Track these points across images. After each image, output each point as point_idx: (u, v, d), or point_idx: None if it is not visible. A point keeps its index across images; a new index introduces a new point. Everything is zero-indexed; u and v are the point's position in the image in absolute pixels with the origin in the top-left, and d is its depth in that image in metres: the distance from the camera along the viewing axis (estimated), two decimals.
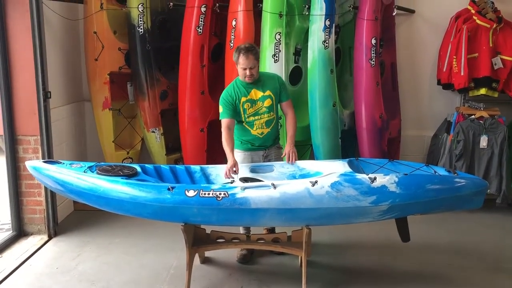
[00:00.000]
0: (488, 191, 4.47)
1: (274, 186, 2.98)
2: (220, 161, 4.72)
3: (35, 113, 3.92)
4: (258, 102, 3.44)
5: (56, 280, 3.40)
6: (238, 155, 3.54)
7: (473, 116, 4.51)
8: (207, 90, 4.53)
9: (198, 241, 3.32)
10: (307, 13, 4.30)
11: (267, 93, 3.45)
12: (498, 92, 4.56)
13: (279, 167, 3.44)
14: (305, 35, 4.37)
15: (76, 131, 4.80)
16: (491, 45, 4.43)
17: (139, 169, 3.36)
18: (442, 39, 4.74)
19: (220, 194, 2.96)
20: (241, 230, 3.62)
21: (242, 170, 3.39)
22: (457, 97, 4.90)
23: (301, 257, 3.26)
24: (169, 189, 2.99)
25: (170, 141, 4.79)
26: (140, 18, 4.41)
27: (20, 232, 4.08)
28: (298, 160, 3.63)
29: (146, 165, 3.49)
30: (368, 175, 3.06)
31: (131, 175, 3.20)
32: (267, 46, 4.20)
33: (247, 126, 3.48)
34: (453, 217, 4.54)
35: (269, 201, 2.95)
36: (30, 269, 3.57)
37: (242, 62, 3.34)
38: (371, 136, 4.43)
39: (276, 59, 4.20)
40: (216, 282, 3.39)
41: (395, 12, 4.58)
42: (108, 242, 3.98)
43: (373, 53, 4.30)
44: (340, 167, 3.26)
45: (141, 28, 4.43)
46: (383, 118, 4.44)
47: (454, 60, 4.48)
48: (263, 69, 4.24)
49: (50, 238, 4.07)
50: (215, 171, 3.52)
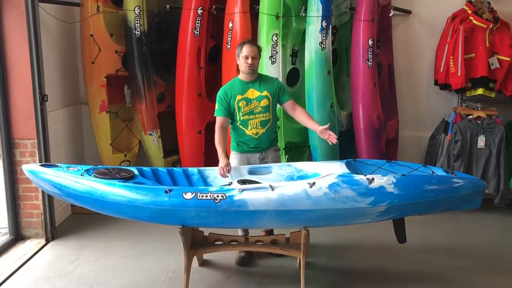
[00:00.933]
0: (486, 191, 4.44)
1: (272, 188, 2.97)
2: (218, 163, 4.71)
3: (31, 116, 3.91)
4: (254, 101, 3.44)
5: (54, 284, 3.39)
6: (235, 157, 3.54)
7: (470, 116, 4.51)
8: (204, 92, 4.52)
9: (196, 243, 3.31)
10: (303, 14, 4.30)
11: (264, 93, 3.45)
12: (495, 92, 4.57)
13: (277, 169, 3.44)
14: (302, 36, 4.37)
15: (73, 134, 4.79)
16: (487, 45, 4.44)
17: (136, 172, 3.34)
18: (439, 39, 4.75)
19: (218, 196, 2.95)
20: (240, 232, 3.61)
21: (240, 172, 3.38)
22: (454, 97, 4.90)
23: (299, 258, 3.25)
24: (166, 191, 2.98)
25: (167, 143, 4.78)
26: (137, 20, 4.41)
27: (17, 236, 4.06)
28: (296, 162, 3.64)
29: (144, 168, 3.48)
30: (366, 176, 3.06)
31: (128, 178, 3.19)
32: (264, 47, 4.19)
33: (241, 126, 3.48)
34: (451, 217, 4.54)
35: (267, 203, 2.94)
36: (27, 273, 3.55)
37: (245, 49, 3.38)
38: (369, 137, 4.43)
39: (273, 61, 4.20)
40: (215, 284, 3.38)
41: (392, 13, 4.59)
42: (106, 246, 3.97)
43: (370, 54, 4.31)
44: (338, 168, 3.26)
45: (137, 31, 4.42)
46: (380, 119, 4.45)
47: (451, 60, 4.49)
48: (260, 70, 4.24)
49: (47, 241, 4.05)
50: (213, 173, 3.51)
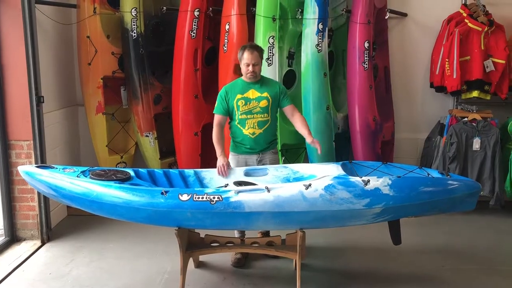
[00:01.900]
0: (482, 193, 4.49)
1: (268, 190, 2.98)
2: (214, 165, 4.70)
3: (27, 118, 3.90)
4: (253, 101, 3.46)
5: (49, 285, 3.38)
6: (232, 158, 3.56)
7: (466, 119, 4.53)
8: (200, 94, 4.53)
9: (192, 245, 3.31)
10: (300, 16, 4.32)
11: (265, 94, 3.47)
12: (490, 95, 4.59)
13: (273, 171, 3.45)
14: (298, 38, 4.38)
15: (70, 135, 4.78)
16: (482, 48, 4.47)
17: (132, 173, 3.34)
18: (435, 42, 4.77)
19: (214, 198, 2.96)
20: (236, 234, 3.61)
21: (236, 173, 3.39)
22: (450, 99, 4.93)
23: (295, 260, 3.25)
24: (162, 193, 2.98)
25: (164, 145, 4.78)
26: (134, 22, 4.41)
27: (13, 237, 4.05)
28: (292, 163, 3.64)
29: (140, 169, 3.48)
30: (361, 178, 3.07)
31: (124, 179, 3.19)
32: None
33: (239, 125, 3.50)
34: (447, 219, 4.55)
35: (263, 204, 2.95)
36: (23, 275, 3.54)
37: (246, 57, 3.39)
38: (365, 139, 4.44)
39: (270, 63, 4.21)
40: (211, 286, 3.38)
41: (388, 15, 4.61)
42: (101, 247, 3.96)
43: (366, 57, 4.32)
44: (333, 170, 3.27)
45: (134, 32, 4.43)
46: (376, 121, 4.46)
47: (447, 63, 4.51)
48: None
49: (43, 243, 4.04)
50: (209, 175, 3.52)
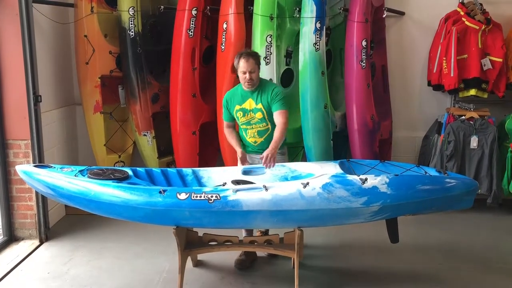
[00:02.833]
0: (479, 191, 4.49)
1: (266, 188, 2.99)
2: (212, 164, 4.74)
3: (25, 117, 3.89)
4: (250, 113, 3.45)
5: (48, 285, 3.38)
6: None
7: (463, 117, 4.54)
8: (198, 93, 4.53)
9: (190, 244, 3.32)
10: (297, 15, 4.32)
11: (259, 106, 3.43)
12: (488, 93, 4.60)
13: (271, 169, 3.45)
14: (296, 37, 4.38)
15: (67, 135, 4.77)
16: (480, 46, 4.48)
17: (130, 172, 3.35)
18: (432, 40, 4.78)
19: (212, 196, 2.96)
20: (244, 233, 3.62)
21: (234, 173, 3.39)
22: (447, 98, 4.93)
23: (293, 259, 3.26)
24: (160, 192, 2.99)
25: (162, 144, 4.78)
26: (131, 21, 4.41)
27: (11, 237, 4.04)
28: (291, 162, 3.64)
29: (138, 168, 3.48)
30: (359, 176, 3.07)
31: (122, 178, 3.19)
32: (258, 48, 4.20)
33: (243, 132, 3.57)
34: (444, 217, 4.57)
35: (261, 203, 2.95)
36: (21, 274, 3.54)
37: (242, 65, 3.34)
38: (363, 137, 4.45)
39: (268, 62, 4.21)
40: (209, 285, 3.39)
41: (385, 14, 4.61)
42: (100, 247, 3.96)
43: (364, 55, 4.33)
44: (331, 168, 3.28)
45: (132, 31, 4.42)
46: (374, 119, 4.47)
47: (444, 61, 4.51)
48: None
49: (41, 242, 4.04)
50: (207, 174, 3.52)
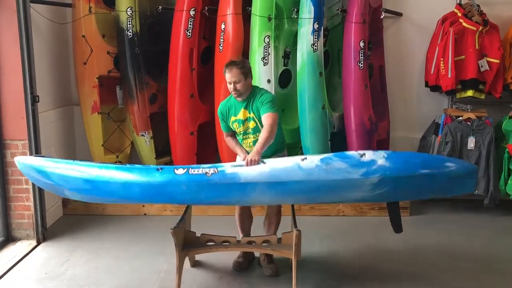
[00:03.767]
0: (476, 192, 4.52)
1: (264, 162, 3.00)
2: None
3: (23, 117, 3.89)
4: (246, 123, 3.37)
5: (45, 285, 3.37)
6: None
7: (460, 118, 4.56)
8: (196, 93, 4.53)
9: (188, 244, 3.32)
10: (295, 16, 4.33)
11: (251, 115, 3.35)
12: (485, 94, 4.61)
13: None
14: (294, 38, 4.39)
15: (65, 135, 4.77)
16: (477, 48, 4.49)
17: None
18: (430, 41, 4.79)
19: (210, 170, 2.96)
20: (241, 235, 3.63)
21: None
22: (444, 99, 4.95)
23: (291, 259, 3.26)
24: (158, 169, 2.99)
25: (159, 144, 4.78)
26: (129, 21, 4.40)
27: (8, 237, 4.03)
28: None
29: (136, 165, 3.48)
30: (357, 151, 3.07)
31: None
32: (256, 49, 4.21)
33: (241, 142, 3.48)
34: (442, 218, 4.59)
35: (258, 175, 2.94)
36: (18, 274, 3.54)
37: (226, 75, 3.27)
38: (360, 138, 4.45)
39: (266, 62, 4.21)
40: (207, 285, 3.39)
41: (383, 15, 4.62)
42: (97, 247, 3.96)
43: (362, 56, 4.34)
44: None
45: (130, 32, 4.42)
46: (372, 120, 4.48)
47: (442, 62, 4.53)
48: (253, 72, 4.24)
49: (38, 243, 4.03)
50: None
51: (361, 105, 4.41)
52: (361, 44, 4.33)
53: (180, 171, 2.97)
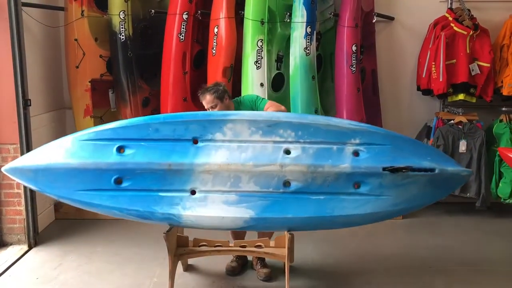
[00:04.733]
0: (468, 194, 4.56)
1: None
2: None
3: (14, 121, 3.87)
4: None
5: None
6: None
7: (452, 121, 4.59)
8: (189, 97, 4.52)
9: (180, 248, 3.30)
10: (288, 20, 4.34)
11: None
12: (476, 98, 4.65)
13: None
14: (287, 42, 4.40)
15: (57, 139, 4.73)
16: (468, 52, 4.53)
17: None
18: (421, 45, 4.83)
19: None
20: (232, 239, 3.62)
21: None
22: (436, 102, 4.98)
23: (284, 263, 3.26)
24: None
25: None
26: (122, 25, 4.40)
27: None
28: None
29: None
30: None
31: None
32: (249, 53, 4.22)
33: None
34: (434, 220, 4.61)
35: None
36: (9, 280, 3.51)
37: (203, 103, 3.37)
38: None
39: (258, 66, 4.22)
40: None
41: (375, 19, 4.65)
42: (90, 251, 3.93)
43: (354, 60, 4.36)
44: None
45: (122, 35, 4.41)
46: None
47: (433, 66, 4.56)
48: (245, 76, 4.27)
49: (30, 248, 4.00)
50: None
51: (354, 108, 4.43)
52: (354, 48, 4.35)
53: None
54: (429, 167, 2.90)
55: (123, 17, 4.39)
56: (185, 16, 4.37)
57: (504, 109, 4.63)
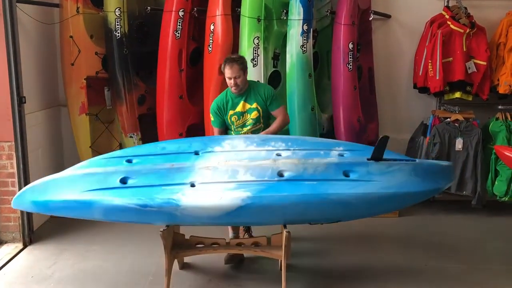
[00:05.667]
0: (464, 192, 4.57)
1: None
2: None
3: (9, 118, 3.84)
4: (246, 114, 3.53)
5: None
6: None
7: (448, 119, 4.60)
8: (185, 94, 4.51)
9: (176, 246, 3.30)
10: (285, 17, 4.33)
11: (254, 105, 3.53)
12: (472, 96, 4.66)
13: None
14: (283, 39, 4.39)
15: (52, 136, 4.72)
16: (464, 50, 4.53)
17: None
18: (418, 43, 4.82)
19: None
20: (230, 234, 3.63)
21: None
22: (433, 100, 4.98)
23: (281, 260, 3.26)
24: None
25: None
26: (117, 22, 4.37)
27: None
28: None
29: None
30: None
31: None
32: (246, 50, 4.21)
33: (235, 134, 3.59)
34: (430, 218, 4.62)
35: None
36: (3, 278, 3.49)
37: (227, 71, 3.42)
38: (349, 139, 4.45)
39: (255, 64, 4.21)
40: (196, 287, 3.37)
41: (372, 17, 4.65)
42: (85, 250, 3.92)
43: (351, 58, 4.35)
44: None
45: (118, 32, 4.39)
46: (360, 121, 4.49)
47: (430, 64, 4.56)
48: None
49: (25, 246, 3.98)
50: None
51: (350, 106, 4.43)
52: (350, 45, 4.34)
53: None
54: (409, 158, 3.36)
55: (119, 14, 4.37)
56: (181, 13, 4.35)
57: (500, 107, 4.64)
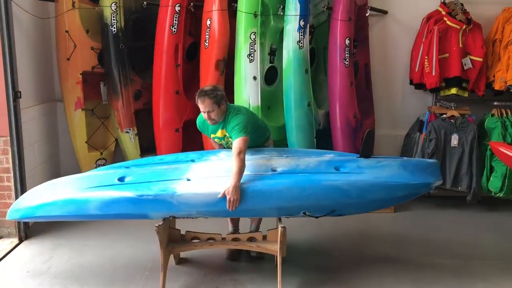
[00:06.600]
0: (459, 188, 4.59)
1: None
2: None
3: (4, 113, 3.83)
4: (226, 138, 3.42)
5: (27, 284, 3.33)
6: None
7: (444, 115, 4.61)
8: (182, 89, 4.50)
9: (172, 242, 3.31)
10: (281, 13, 4.32)
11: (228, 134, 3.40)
12: (468, 92, 4.67)
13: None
14: (280, 35, 4.39)
15: (48, 132, 4.70)
16: (461, 46, 4.54)
17: None
18: (414, 39, 4.83)
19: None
20: (230, 228, 3.64)
21: None
22: (429, 96, 4.99)
23: (276, 256, 3.27)
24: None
25: (144, 141, 4.73)
26: (113, 17, 4.36)
27: None
28: None
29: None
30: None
31: None
32: (242, 46, 4.20)
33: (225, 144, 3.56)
34: (425, 214, 4.64)
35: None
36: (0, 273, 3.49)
37: (199, 105, 3.29)
38: (346, 135, 4.48)
39: (251, 59, 4.20)
40: (192, 282, 3.38)
41: (368, 13, 4.64)
42: (81, 245, 3.92)
43: (347, 53, 4.35)
44: None
45: (114, 27, 4.37)
46: (357, 117, 4.50)
47: (426, 60, 4.57)
48: (238, 69, 4.25)
49: (21, 241, 3.98)
50: None
51: (347, 102, 4.43)
52: (347, 41, 4.34)
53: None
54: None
55: (115, 9, 4.35)
56: (177, 8, 4.33)
57: (496, 103, 4.66)
